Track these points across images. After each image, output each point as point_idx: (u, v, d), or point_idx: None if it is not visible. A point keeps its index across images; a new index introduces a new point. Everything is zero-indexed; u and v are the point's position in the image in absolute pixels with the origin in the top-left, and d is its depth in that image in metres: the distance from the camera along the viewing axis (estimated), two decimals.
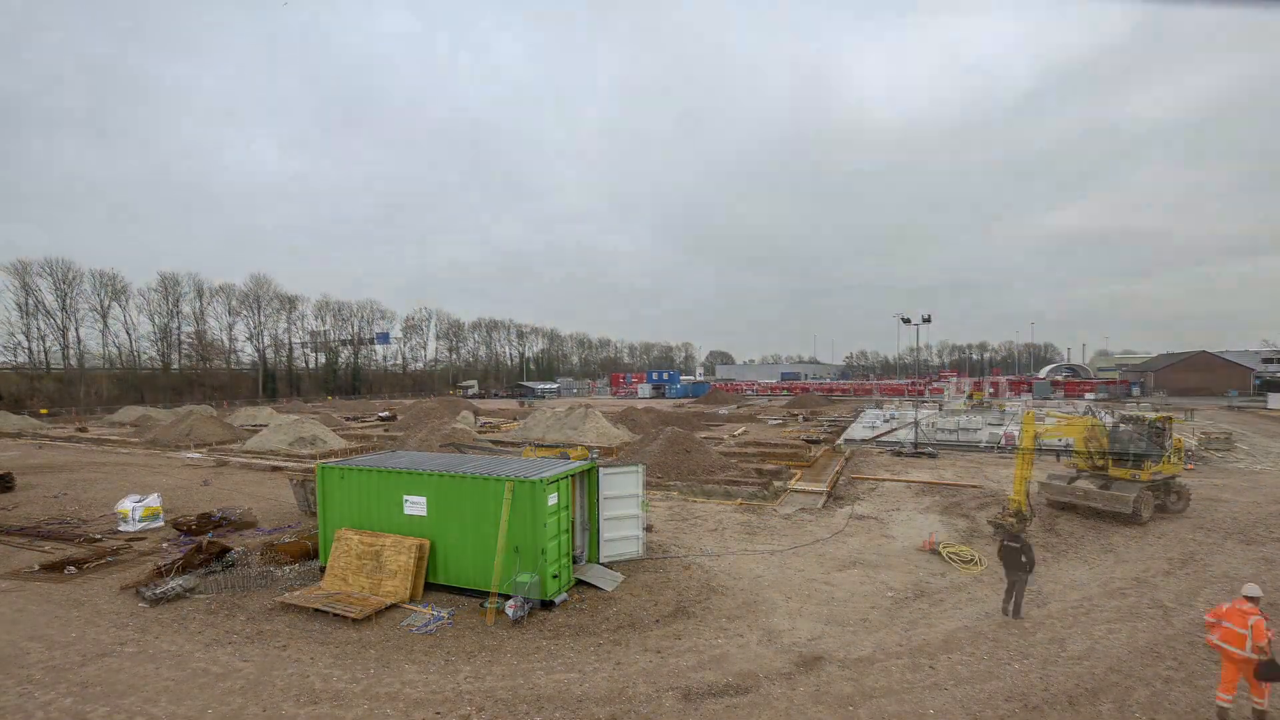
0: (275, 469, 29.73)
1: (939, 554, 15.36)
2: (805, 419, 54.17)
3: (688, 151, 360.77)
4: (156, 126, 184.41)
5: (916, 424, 35.72)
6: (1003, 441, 34.24)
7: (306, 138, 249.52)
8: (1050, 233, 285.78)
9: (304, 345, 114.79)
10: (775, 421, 52.15)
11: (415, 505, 13.33)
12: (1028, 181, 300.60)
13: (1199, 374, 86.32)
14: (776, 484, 23.77)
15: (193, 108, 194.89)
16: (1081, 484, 19.29)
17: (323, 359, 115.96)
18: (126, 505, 18.82)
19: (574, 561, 13.84)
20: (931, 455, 31.21)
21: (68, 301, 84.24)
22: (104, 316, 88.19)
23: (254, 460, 32.28)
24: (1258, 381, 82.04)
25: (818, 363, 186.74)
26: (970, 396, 70.51)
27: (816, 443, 37.50)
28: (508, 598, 11.79)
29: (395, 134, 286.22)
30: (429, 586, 12.96)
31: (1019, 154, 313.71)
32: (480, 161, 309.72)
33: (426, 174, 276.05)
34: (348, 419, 59.18)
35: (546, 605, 12.09)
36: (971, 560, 14.92)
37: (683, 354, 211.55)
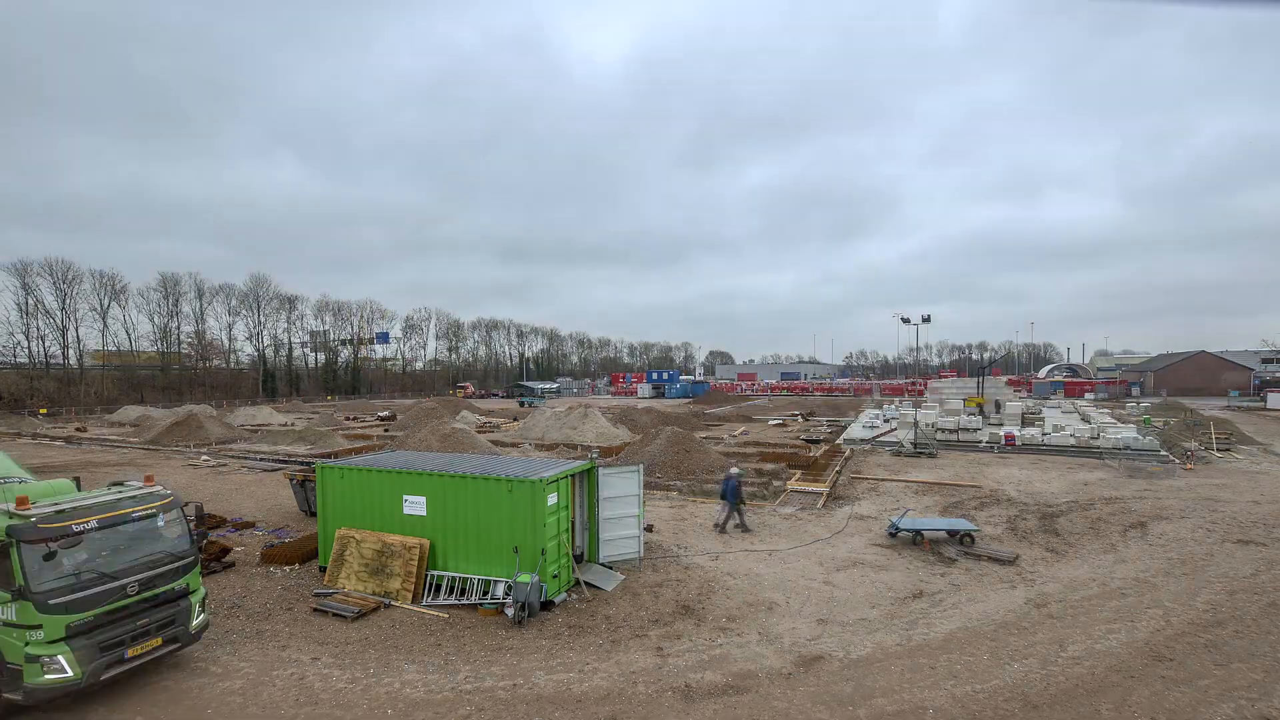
0: (275, 468, 29.73)
1: (939, 553, 15.35)
2: (805, 418, 54.21)
3: None
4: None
5: (916, 424, 35.70)
6: (1003, 441, 34.27)
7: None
8: None
9: (304, 345, 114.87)
10: (775, 421, 52.15)
11: (415, 505, 13.32)
12: None
13: (1199, 374, 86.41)
14: (776, 484, 23.77)
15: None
16: None
17: (322, 359, 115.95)
18: None
19: (574, 561, 13.84)
20: (931, 455, 31.24)
21: (68, 301, 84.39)
22: (104, 316, 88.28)
23: (253, 460, 32.26)
24: (1257, 381, 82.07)
25: (817, 362, 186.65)
26: (965, 401, 62.38)
27: (816, 442, 37.51)
28: (507, 597, 11.79)
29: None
30: (428, 586, 12.95)
31: None
32: None
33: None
34: (347, 419, 59.23)
35: (546, 605, 12.08)
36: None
37: (683, 354, 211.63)
